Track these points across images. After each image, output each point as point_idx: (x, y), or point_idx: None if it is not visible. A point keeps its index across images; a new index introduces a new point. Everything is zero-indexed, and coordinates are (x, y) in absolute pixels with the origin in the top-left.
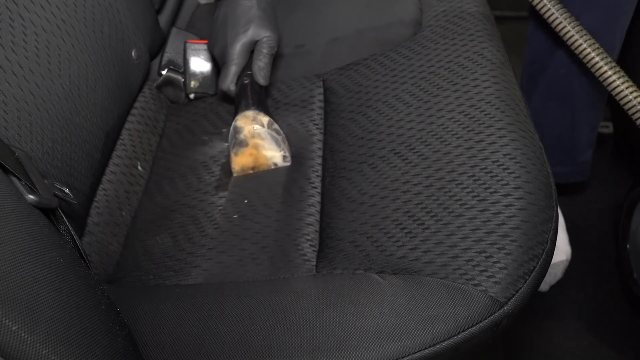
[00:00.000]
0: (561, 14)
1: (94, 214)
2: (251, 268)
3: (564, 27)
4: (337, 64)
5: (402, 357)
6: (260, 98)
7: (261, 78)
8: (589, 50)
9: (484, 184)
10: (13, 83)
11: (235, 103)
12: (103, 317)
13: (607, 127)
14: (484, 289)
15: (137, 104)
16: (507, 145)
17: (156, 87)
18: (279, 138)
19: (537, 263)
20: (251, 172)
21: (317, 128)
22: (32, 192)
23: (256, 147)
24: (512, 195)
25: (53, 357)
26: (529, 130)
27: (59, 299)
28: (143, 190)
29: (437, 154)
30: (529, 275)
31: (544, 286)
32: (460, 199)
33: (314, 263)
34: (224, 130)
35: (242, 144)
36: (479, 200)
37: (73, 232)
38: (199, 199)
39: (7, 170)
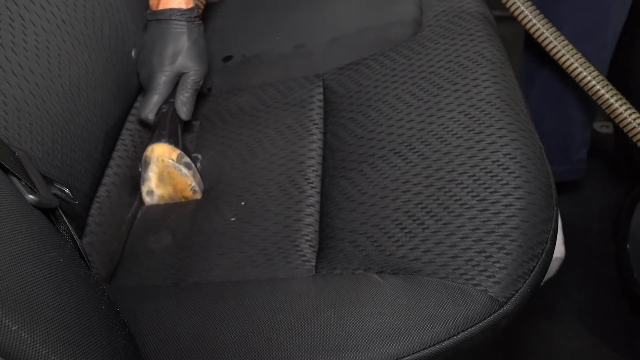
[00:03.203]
0: (547, 29)
1: (95, 213)
2: (250, 270)
3: (550, 41)
4: (337, 64)
5: (402, 357)
6: (175, 129)
7: (183, 113)
8: (576, 64)
9: (484, 183)
10: (13, 83)
11: (151, 132)
12: (103, 317)
13: (607, 127)
14: (484, 288)
15: (137, 104)
16: (507, 145)
17: None
18: (189, 172)
19: (537, 263)
20: (162, 203)
21: (317, 128)
22: (32, 192)
23: (168, 178)
24: (512, 195)
25: (53, 357)
26: (529, 130)
27: (58, 299)
28: None
29: (437, 153)
30: (529, 275)
31: None
32: (460, 199)
33: (314, 263)
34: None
35: (149, 175)
36: (478, 200)
37: (73, 232)
38: (197, 197)
39: (7, 170)
